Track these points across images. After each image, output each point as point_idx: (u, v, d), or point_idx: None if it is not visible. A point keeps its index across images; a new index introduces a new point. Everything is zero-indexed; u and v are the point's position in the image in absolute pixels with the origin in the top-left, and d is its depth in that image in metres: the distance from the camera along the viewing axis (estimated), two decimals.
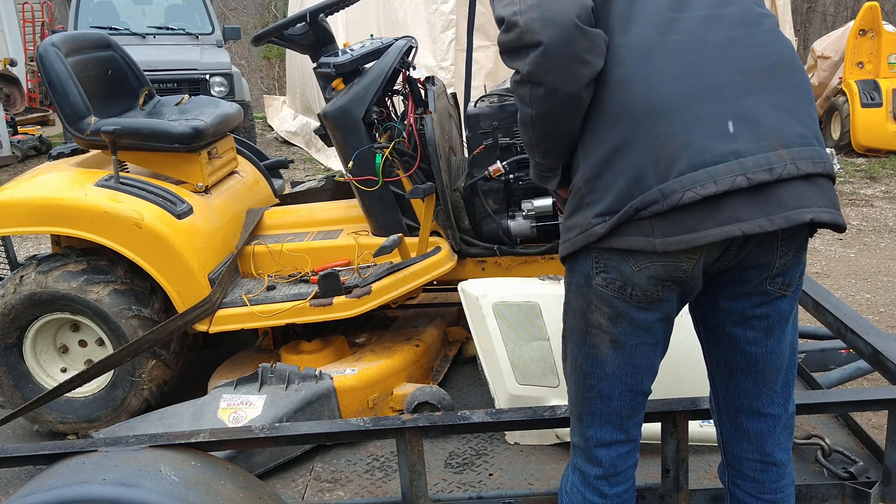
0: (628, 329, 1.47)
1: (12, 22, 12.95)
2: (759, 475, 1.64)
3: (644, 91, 1.36)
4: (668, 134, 1.34)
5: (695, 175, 1.32)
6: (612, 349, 1.50)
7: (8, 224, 2.62)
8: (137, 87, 3.15)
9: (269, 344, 2.85)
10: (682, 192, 1.32)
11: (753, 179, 1.32)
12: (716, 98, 1.36)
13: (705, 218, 1.33)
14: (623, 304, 1.44)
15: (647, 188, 1.34)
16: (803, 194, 1.36)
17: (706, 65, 1.37)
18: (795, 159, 1.35)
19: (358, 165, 2.62)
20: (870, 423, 2.97)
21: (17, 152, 9.62)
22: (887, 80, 8.85)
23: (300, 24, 2.66)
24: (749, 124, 1.35)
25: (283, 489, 2.26)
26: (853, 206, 7.19)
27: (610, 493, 1.61)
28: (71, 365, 2.76)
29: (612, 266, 1.42)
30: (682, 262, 1.39)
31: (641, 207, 1.35)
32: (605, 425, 1.58)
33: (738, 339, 1.54)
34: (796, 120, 1.39)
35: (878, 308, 4.71)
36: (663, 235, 1.35)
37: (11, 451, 1.89)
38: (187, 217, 2.64)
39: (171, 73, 7.80)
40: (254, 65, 16.99)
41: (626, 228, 1.37)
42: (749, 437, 1.62)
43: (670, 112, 1.35)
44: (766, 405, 1.60)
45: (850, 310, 2.41)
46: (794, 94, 1.41)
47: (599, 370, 1.53)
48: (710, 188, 1.31)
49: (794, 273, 1.49)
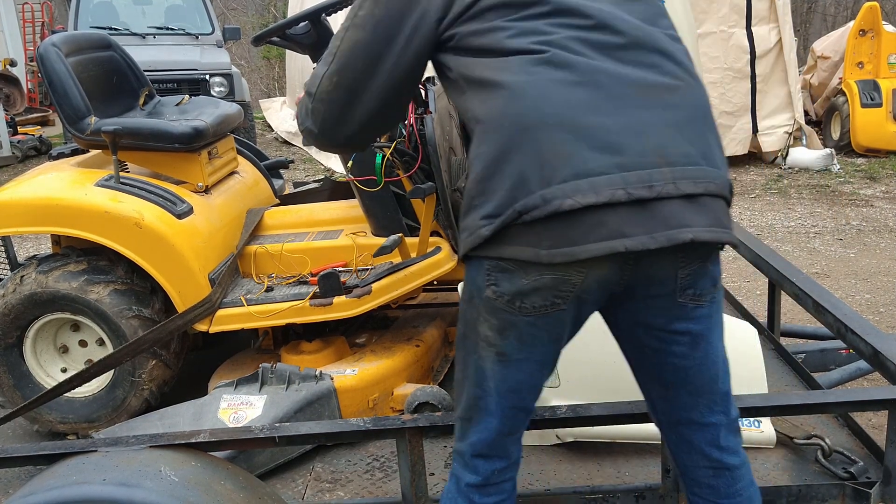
0: (515, 343, 1.45)
1: (12, 22, 12.96)
2: (713, 481, 1.61)
3: (535, 98, 1.36)
4: (555, 141, 1.34)
5: (577, 183, 1.32)
6: (497, 363, 1.48)
7: (8, 224, 2.62)
8: (137, 87, 3.15)
9: (270, 344, 2.85)
10: (563, 200, 1.31)
11: (633, 194, 1.31)
12: (607, 110, 1.35)
13: (590, 232, 1.32)
14: (512, 316, 1.42)
15: (529, 192, 1.34)
16: (685, 214, 1.35)
17: (600, 76, 1.37)
18: (677, 178, 1.34)
19: (358, 165, 2.62)
20: (870, 423, 2.98)
21: (17, 152, 9.63)
22: (887, 81, 8.86)
23: (303, 23, 2.66)
24: (637, 138, 1.35)
25: (283, 489, 2.26)
26: (853, 206, 7.19)
27: (479, 502, 1.60)
28: (71, 365, 2.76)
29: (504, 278, 1.40)
30: (572, 276, 1.37)
31: (524, 211, 1.34)
32: (485, 437, 1.56)
33: (665, 353, 1.51)
34: (685, 138, 1.38)
35: (878, 308, 4.71)
36: (549, 247, 1.34)
37: (11, 451, 1.89)
38: (187, 217, 2.64)
39: (171, 74, 7.81)
40: (254, 65, 16.99)
41: (514, 237, 1.37)
42: (695, 447, 1.60)
43: (560, 120, 1.35)
44: (705, 415, 1.57)
45: (850, 310, 2.41)
46: (687, 112, 1.41)
47: (485, 383, 1.51)
48: (589, 198, 1.31)
49: (704, 283, 1.46)
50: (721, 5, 8.21)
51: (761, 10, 8.35)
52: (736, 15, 8.29)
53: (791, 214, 7.02)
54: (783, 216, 6.97)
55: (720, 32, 8.27)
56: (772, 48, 8.44)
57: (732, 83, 8.38)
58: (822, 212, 7.05)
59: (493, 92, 1.40)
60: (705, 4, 8.18)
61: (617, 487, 2.08)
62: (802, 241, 6.20)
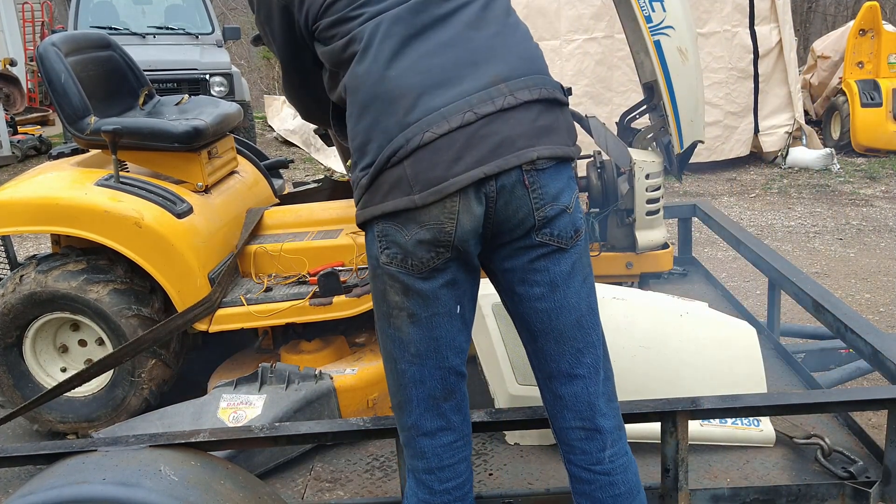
0: (419, 301, 1.56)
1: (12, 22, 12.96)
2: (585, 445, 1.64)
3: (385, 59, 1.53)
4: (405, 87, 1.50)
5: (430, 118, 1.48)
6: (411, 325, 1.57)
7: (8, 224, 2.62)
8: (137, 86, 3.15)
9: (269, 344, 2.84)
10: (422, 134, 1.47)
11: (479, 112, 1.48)
12: (441, 51, 1.53)
13: (451, 167, 1.47)
14: (408, 276, 1.54)
15: (392, 136, 1.50)
16: (528, 135, 1.51)
17: (426, 26, 1.55)
18: (513, 90, 1.52)
19: None
20: (870, 423, 2.97)
21: (17, 152, 9.63)
22: (887, 80, 8.86)
23: None
24: (472, 68, 1.52)
25: (283, 489, 2.26)
26: (853, 206, 7.19)
27: (439, 489, 1.63)
28: (71, 364, 2.76)
29: (391, 240, 1.53)
30: (445, 224, 1.49)
31: (392, 154, 1.49)
32: (424, 412, 1.62)
33: (526, 297, 1.60)
34: (513, 55, 1.56)
35: (878, 308, 4.72)
36: (420, 191, 1.48)
37: (11, 451, 1.89)
38: (187, 217, 2.64)
39: (171, 73, 7.81)
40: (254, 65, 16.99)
41: (390, 189, 1.51)
42: (566, 403, 1.64)
43: (406, 70, 1.51)
44: (573, 366, 1.62)
45: (850, 310, 2.41)
46: (505, 34, 1.59)
47: (406, 353, 1.60)
48: (443, 126, 1.47)
49: (561, 225, 1.56)
50: (724, 4, 8.20)
51: (763, 10, 8.34)
52: (739, 14, 8.28)
53: (791, 214, 7.02)
54: (783, 216, 6.97)
55: (724, 32, 8.26)
56: (772, 48, 8.44)
57: (737, 83, 8.37)
58: (822, 211, 7.05)
59: (348, 63, 1.58)
60: (708, 4, 8.17)
61: None
62: (802, 241, 6.20)
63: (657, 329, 2.31)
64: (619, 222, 2.87)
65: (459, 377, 1.64)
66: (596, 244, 2.88)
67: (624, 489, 1.64)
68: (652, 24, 2.60)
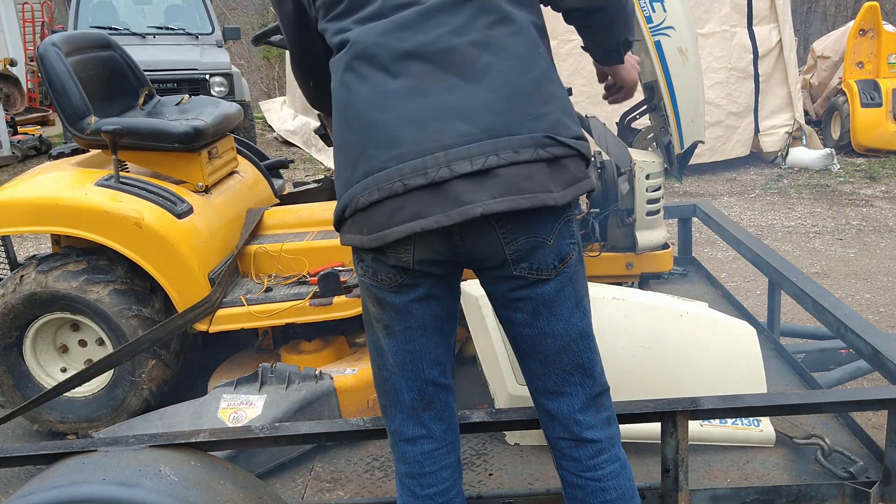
0: (392, 314, 1.54)
1: (12, 22, 12.96)
2: (575, 453, 1.62)
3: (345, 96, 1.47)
4: (352, 142, 1.46)
5: (365, 182, 1.42)
6: (386, 336, 1.56)
7: (8, 224, 2.62)
8: (137, 86, 3.15)
9: (269, 344, 2.85)
10: (358, 198, 1.42)
11: (409, 185, 1.37)
12: (385, 105, 1.42)
13: (393, 215, 1.40)
14: (379, 290, 1.53)
15: (343, 191, 1.47)
16: (472, 190, 1.37)
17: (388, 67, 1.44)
18: (451, 161, 1.37)
19: None
20: (870, 423, 2.97)
21: (17, 152, 9.63)
22: (887, 80, 8.86)
23: None
24: (413, 127, 1.39)
25: (283, 489, 2.26)
26: (853, 206, 7.19)
27: (421, 493, 1.62)
28: (71, 365, 2.76)
29: (363, 255, 1.52)
30: (401, 254, 1.45)
31: (344, 207, 1.47)
32: (406, 419, 1.62)
33: (509, 321, 1.56)
34: (461, 118, 1.39)
35: (878, 308, 4.71)
36: (368, 233, 1.44)
37: (11, 451, 1.89)
38: (187, 217, 2.64)
39: (171, 73, 7.81)
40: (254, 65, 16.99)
41: (349, 227, 1.49)
42: (553, 417, 1.62)
43: (356, 123, 1.45)
44: (559, 385, 1.58)
45: (850, 310, 2.41)
46: (478, 84, 1.40)
47: (385, 362, 1.60)
48: (374, 195, 1.40)
49: (541, 257, 1.47)
50: (722, 5, 8.19)
51: (762, 10, 8.34)
52: (737, 14, 8.28)
53: (791, 214, 7.02)
54: (783, 216, 6.97)
55: (722, 32, 8.26)
56: (772, 48, 8.44)
57: (737, 83, 8.37)
58: (822, 212, 7.05)
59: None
60: (707, 4, 8.16)
61: None
62: (802, 241, 6.20)
63: (657, 329, 2.31)
64: (619, 222, 2.87)
65: (439, 388, 1.61)
66: (596, 244, 2.88)
67: (616, 495, 1.62)
68: (652, 25, 2.60)
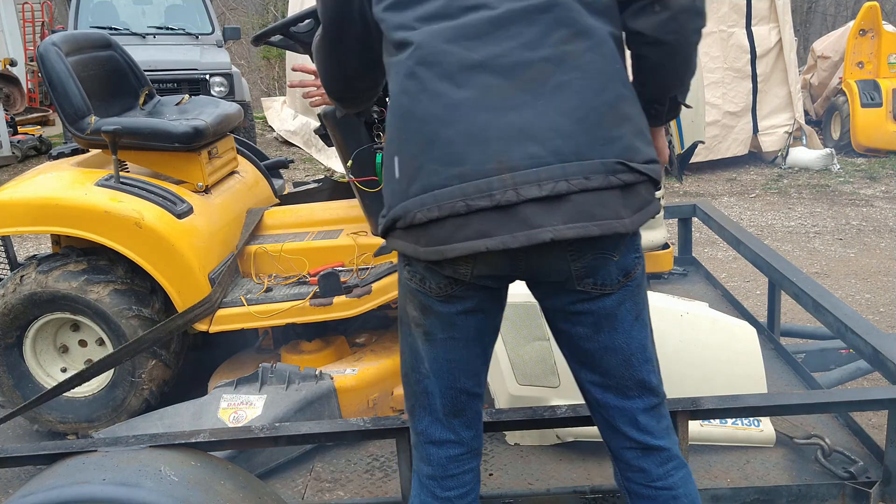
0: (436, 322, 1.49)
1: (12, 22, 12.96)
2: (642, 462, 1.59)
3: (407, 104, 1.39)
4: (410, 154, 1.38)
5: (423, 198, 1.36)
6: (426, 343, 1.52)
7: (8, 224, 2.62)
8: (137, 86, 3.15)
9: (270, 344, 2.85)
10: (415, 213, 1.36)
11: (472, 206, 1.32)
12: (449, 119, 1.35)
13: (455, 231, 1.35)
14: (426, 297, 1.47)
15: (395, 203, 1.41)
16: (541, 214, 1.32)
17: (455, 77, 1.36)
18: (518, 184, 1.31)
19: (358, 165, 2.62)
20: (870, 423, 2.97)
21: (17, 152, 9.63)
22: (887, 80, 8.86)
23: (307, 20, 2.65)
24: (477, 146, 1.33)
25: (283, 489, 2.26)
26: (853, 206, 7.19)
27: (441, 495, 1.60)
28: (71, 365, 2.76)
29: (414, 261, 1.45)
30: (460, 267, 1.40)
31: (395, 219, 1.41)
32: (434, 423, 1.59)
33: (568, 335, 1.52)
34: (531, 138, 1.33)
35: (878, 308, 4.71)
36: (425, 245, 1.38)
37: (11, 451, 1.89)
38: (187, 217, 2.64)
39: (171, 73, 7.81)
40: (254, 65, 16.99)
41: (401, 234, 1.42)
42: (616, 427, 1.59)
43: (414, 133, 1.38)
44: (620, 399, 1.56)
45: (850, 310, 2.41)
46: (550, 103, 1.34)
47: (420, 365, 1.56)
48: (433, 213, 1.34)
49: (606, 273, 1.43)
50: (721, 4, 8.19)
51: (761, 10, 8.34)
52: (736, 14, 8.28)
53: (791, 214, 7.02)
54: (783, 216, 6.97)
55: (720, 32, 8.26)
56: (772, 48, 8.44)
57: (734, 83, 8.37)
58: (822, 212, 7.05)
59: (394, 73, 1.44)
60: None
61: (617, 487, 2.08)
62: (802, 241, 6.20)
63: (657, 329, 2.29)
64: None
65: (472, 397, 1.59)
66: None
67: (686, 502, 1.59)
68: None
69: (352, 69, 1.64)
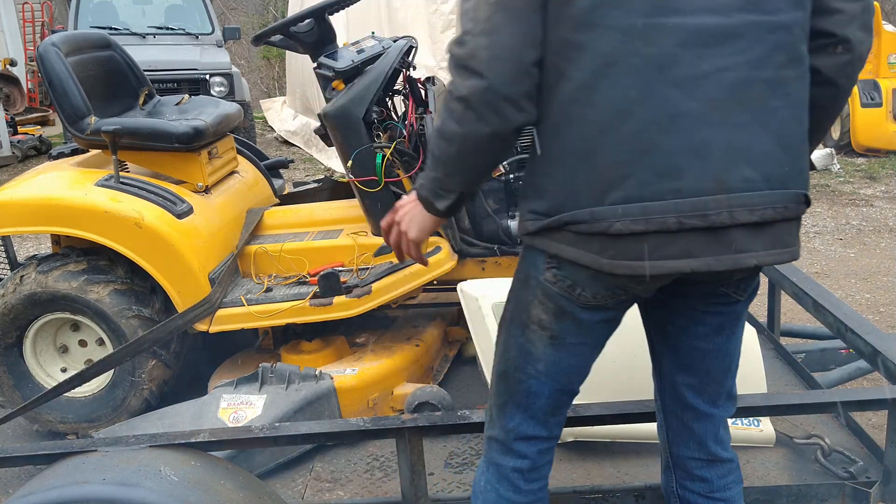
0: (571, 328, 1.45)
1: (12, 22, 12.96)
2: (706, 473, 1.62)
3: (621, 104, 1.28)
4: (616, 159, 1.29)
5: (628, 208, 1.28)
6: (550, 346, 1.47)
7: (8, 224, 2.62)
8: (137, 86, 3.15)
9: (270, 344, 2.85)
10: (612, 222, 1.29)
11: (685, 224, 1.28)
12: (671, 129, 1.28)
13: (658, 248, 1.30)
14: (569, 303, 1.42)
15: (579, 206, 1.32)
16: (747, 240, 1.32)
17: (679, 84, 1.28)
18: (733, 207, 1.29)
19: (358, 165, 2.62)
20: (870, 423, 2.97)
21: (17, 152, 9.62)
22: (887, 80, 8.85)
23: (307, 20, 2.65)
24: (698, 161, 1.28)
25: (283, 489, 2.26)
26: (853, 206, 7.19)
27: (525, 488, 1.60)
28: (71, 365, 2.76)
29: (567, 266, 1.38)
30: (638, 283, 1.38)
31: (571, 222, 1.33)
32: (529, 420, 1.57)
33: (686, 331, 1.53)
34: (747, 161, 1.30)
35: (878, 308, 4.71)
36: (612, 257, 1.32)
37: (11, 451, 1.89)
38: (187, 217, 2.64)
39: (171, 73, 7.80)
40: (254, 65, 16.98)
41: (572, 241, 1.34)
42: (693, 435, 1.61)
43: (628, 137, 1.28)
44: (709, 406, 1.59)
45: (850, 310, 2.41)
46: (764, 127, 1.31)
47: (532, 367, 1.51)
48: (639, 226, 1.28)
49: (751, 281, 1.50)
50: None
51: None
52: None
53: None
54: None
55: None
56: None
57: None
58: (822, 212, 7.05)
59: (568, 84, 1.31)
60: None
61: (617, 487, 2.08)
62: (802, 241, 6.17)
63: None
64: None
65: (572, 396, 1.59)
66: None
67: None
68: None
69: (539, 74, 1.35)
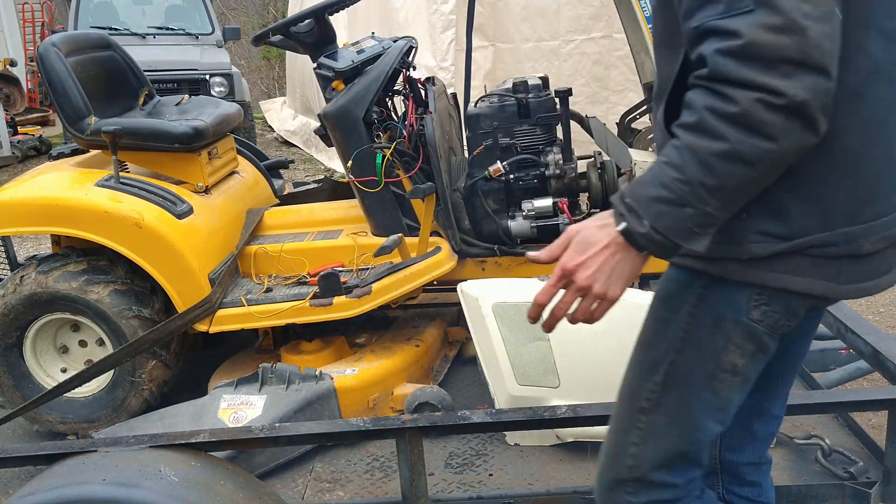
0: (761, 363, 1.30)
1: (12, 22, 12.96)
2: (756, 477, 1.63)
3: (868, 115, 1.16)
4: (872, 172, 1.17)
5: (874, 225, 1.19)
6: (740, 391, 1.32)
7: (8, 224, 2.62)
8: (137, 87, 3.15)
9: (270, 344, 2.85)
10: (864, 241, 1.18)
11: None
12: None
13: (880, 266, 1.22)
14: (769, 338, 1.26)
15: (831, 228, 1.17)
16: None
17: None
18: None
19: (358, 165, 2.63)
20: (870, 423, 2.97)
21: (17, 152, 9.61)
22: None
23: (307, 20, 2.65)
24: None
25: (283, 489, 2.26)
26: None
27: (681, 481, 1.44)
28: (71, 365, 2.76)
29: (779, 299, 1.22)
30: (829, 302, 1.32)
31: (818, 245, 1.17)
32: (700, 469, 1.42)
33: (796, 344, 1.49)
34: None
35: (878, 308, 4.71)
36: (848, 282, 1.20)
37: (11, 451, 1.89)
38: (187, 217, 2.64)
39: (171, 73, 7.80)
40: (254, 65, 16.98)
41: (804, 269, 1.18)
42: (756, 439, 1.61)
43: (883, 147, 1.18)
44: (777, 408, 1.60)
45: (850, 310, 2.41)
46: None
47: (717, 418, 1.33)
48: (879, 244, 1.19)
49: None
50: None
51: None
52: None
53: None
54: None
55: None
56: None
57: None
58: None
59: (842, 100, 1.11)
60: None
61: None
62: None
63: None
64: None
65: None
66: None
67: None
68: None
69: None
